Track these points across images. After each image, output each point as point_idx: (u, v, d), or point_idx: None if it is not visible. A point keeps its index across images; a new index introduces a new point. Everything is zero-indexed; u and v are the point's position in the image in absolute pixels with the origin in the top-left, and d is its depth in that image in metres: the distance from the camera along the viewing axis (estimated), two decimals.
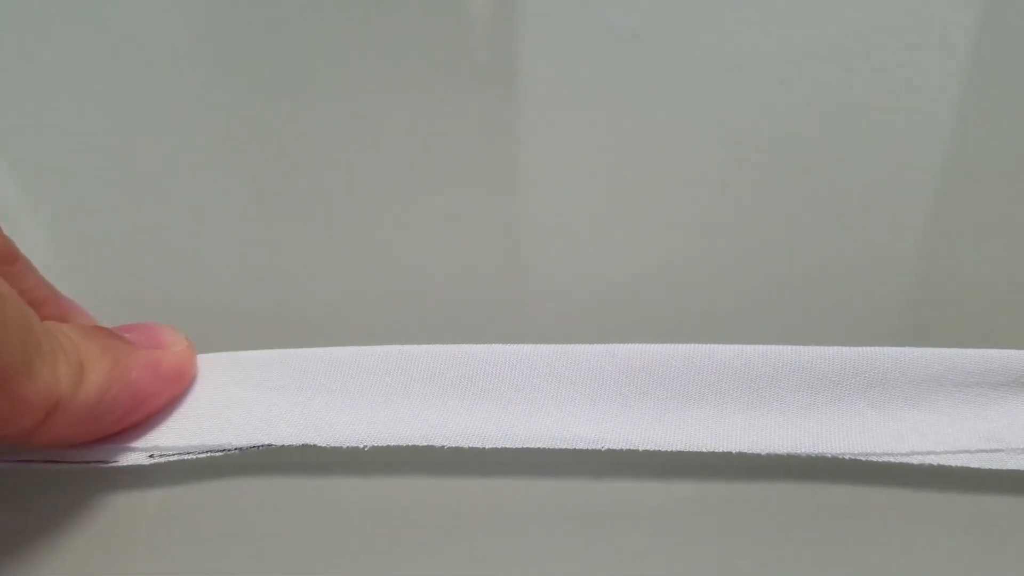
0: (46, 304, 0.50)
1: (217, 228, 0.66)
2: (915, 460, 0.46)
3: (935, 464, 0.46)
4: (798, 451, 0.47)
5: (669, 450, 0.47)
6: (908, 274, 0.67)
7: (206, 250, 0.67)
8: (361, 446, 0.47)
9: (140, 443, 0.48)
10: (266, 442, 0.48)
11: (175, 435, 0.48)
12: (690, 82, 0.87)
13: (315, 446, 0.48)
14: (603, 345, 0.50)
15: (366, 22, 0.98)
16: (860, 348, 0.50)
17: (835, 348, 0.50)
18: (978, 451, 0.47)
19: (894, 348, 0.50)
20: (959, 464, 0.46)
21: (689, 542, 0.46)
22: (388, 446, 0.48)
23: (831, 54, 0.91)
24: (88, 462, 0.47)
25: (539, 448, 0.48)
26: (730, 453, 0.47)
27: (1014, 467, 0.46)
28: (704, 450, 0.47)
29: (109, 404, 0.44)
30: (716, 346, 0.50)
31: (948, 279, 0.65)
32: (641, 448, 0.47)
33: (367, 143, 0.79)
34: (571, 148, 0.78)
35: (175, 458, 0.48)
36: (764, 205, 0.71)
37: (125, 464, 0.47)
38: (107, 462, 0.47)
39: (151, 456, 0.48)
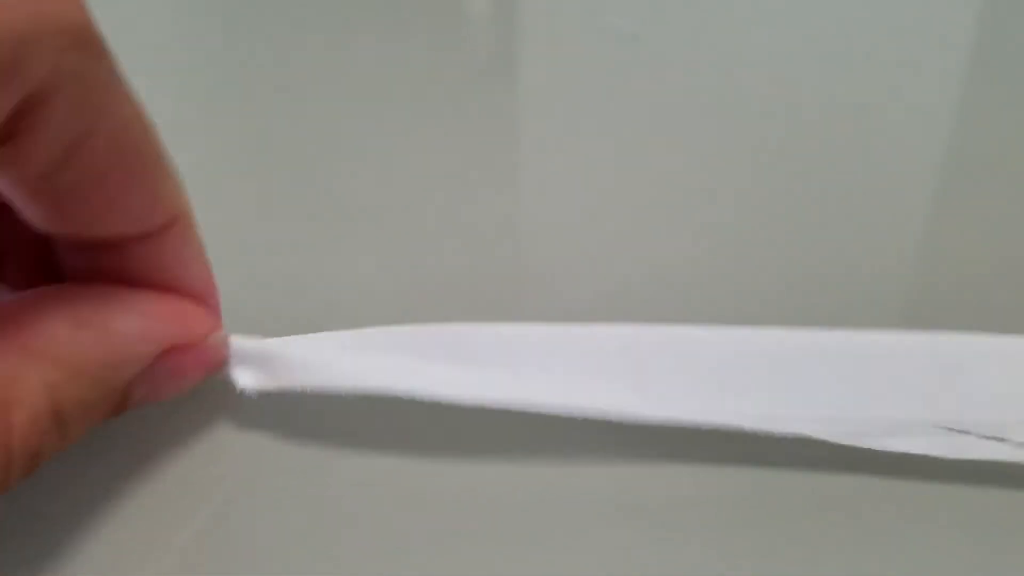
0: None
1: (216, 228, 0.66)
2: (874, 445, 0.46)
3: (897, 451, 0.46)
4: (754, 425, 0.47)
5: (645, 422, 0.47)
6: (909, 274, 0.67)
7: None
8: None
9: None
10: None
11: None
12: (690, 82, 0.87)
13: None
14: (591, 326, 0.51)
15: (365, 24, 0.99)
16: (833, 331, 0.51)
17: (804, 330, 0.50)
18: (941, 432, 0.46)
19: (867, 332, 0.51)
20: (921, 451, 0.46)
21: (688, 535, 0.46)
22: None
23: (831, 54, 0.92)
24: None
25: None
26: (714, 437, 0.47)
27: (977, 456, 0.46)
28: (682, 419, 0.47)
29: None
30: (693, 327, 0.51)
31: (948, 277, 0.65)
32: (617, 419, 0.47)
33: (365, 144, 0.79)
34: (570, 148, 0.78)
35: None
36: (765, 203, 0.71)
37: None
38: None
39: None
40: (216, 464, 0.49)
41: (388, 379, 0.48)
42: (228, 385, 0.49)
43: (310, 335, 0.50)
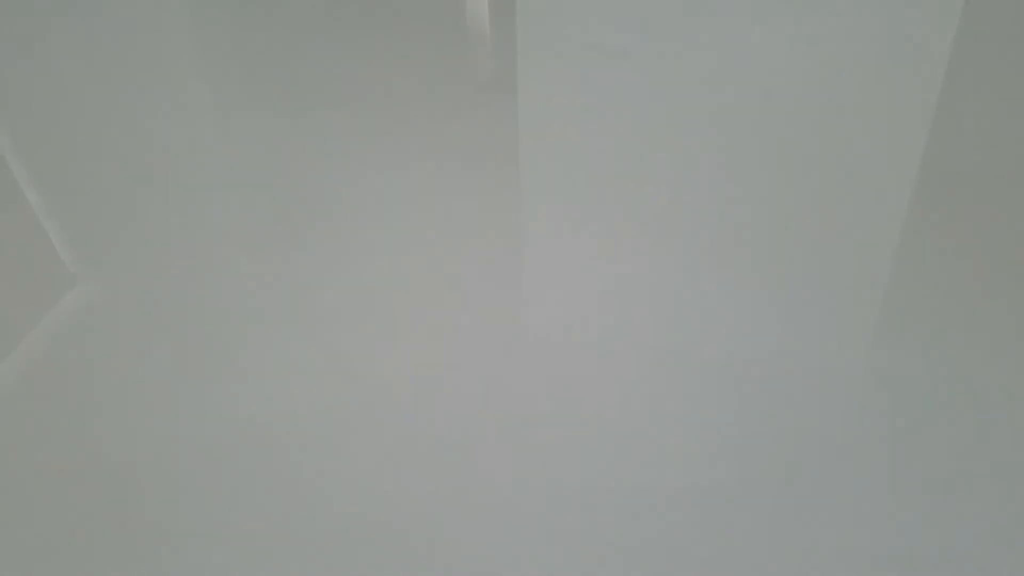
0: None
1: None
2: None
3: None
4: None
5: None
6: (888, 277, 0.70)
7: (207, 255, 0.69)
8: None
9: None
10: None
11: None
12: (679, 97, 0.91)
13: None
14: None
15: (369, 39, 1.02)
16: None
17: None
18: None
19: None
20: None
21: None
22: None
23: (815, 70, 0.95)
24: None
25: None
26: None
27: None
28: None
29: None
30: None
31: (926, 280, 0.68)
32: None
33: (369, 154, 0.82)
34: (567, 153, 0.82)
35: None
36: (754, 212, 0.74)
37: None
38: None
39: None
40: None
41: None
42: None
43: None
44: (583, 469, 0.56)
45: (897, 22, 1.01)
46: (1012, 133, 0.84)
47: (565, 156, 0.83)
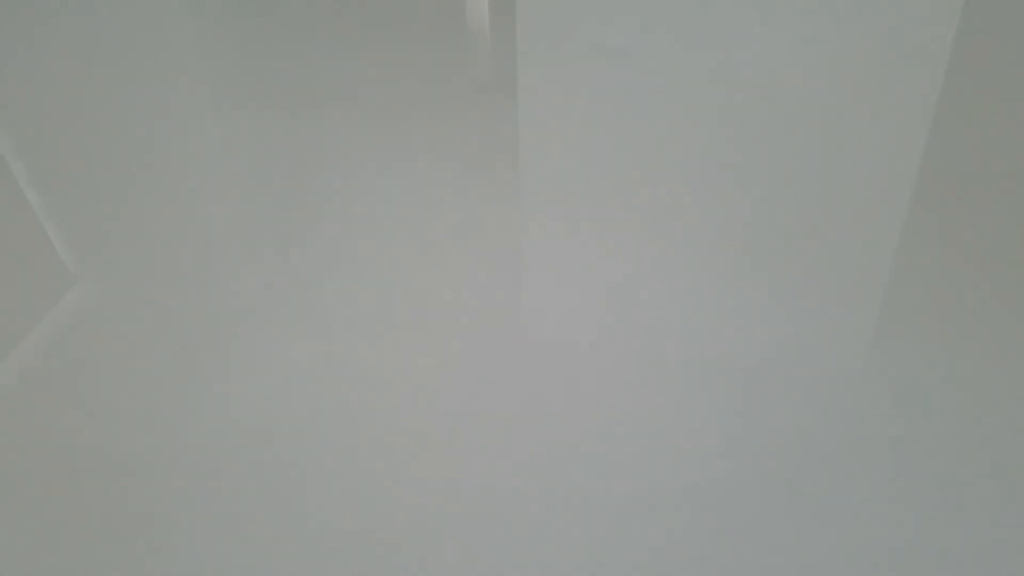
0: None
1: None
2: None
3: None
4: None
5: None
6: (888, 277, 0.70)
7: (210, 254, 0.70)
8: None
9: None
10: None
11: None
12: (680, 97, 0.91)
13: None
14: None
15: (369, 39, 1.02)
16: None
17: None
18: None
19: None
20: None
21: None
22: None
23: (816, 67, 0.95)
24: None
25: None
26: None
27: None
28: None
29: None
30: None
31: (922, 279, 0.69)
32: None
33: (372, 157, 0.82)
34: (567, 156, 0.82)
35: None
36: (754, 213, 0.75)
37: None
38: None
39: None
40: None
41: None
42: None
43: None
44: (583, 469, 0.56)
45: (897, 22, 1.01)
46: (1012, 133, 0.84)
47: (565, 156, 0.84)
